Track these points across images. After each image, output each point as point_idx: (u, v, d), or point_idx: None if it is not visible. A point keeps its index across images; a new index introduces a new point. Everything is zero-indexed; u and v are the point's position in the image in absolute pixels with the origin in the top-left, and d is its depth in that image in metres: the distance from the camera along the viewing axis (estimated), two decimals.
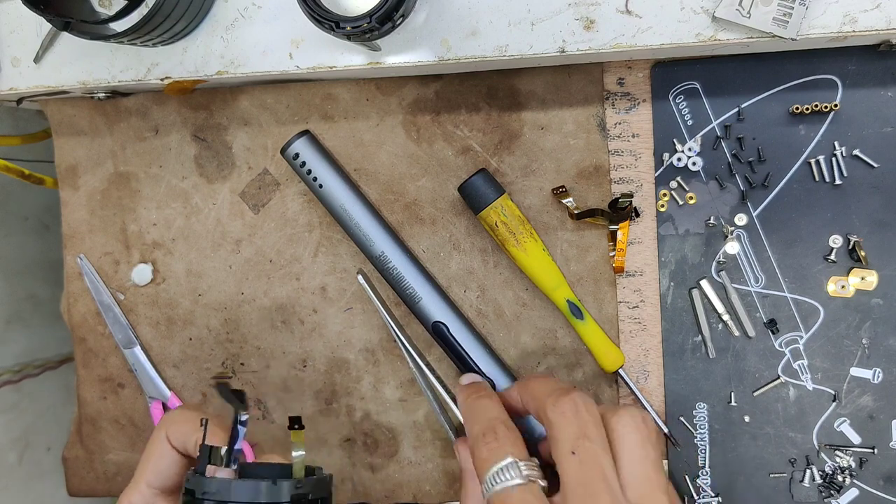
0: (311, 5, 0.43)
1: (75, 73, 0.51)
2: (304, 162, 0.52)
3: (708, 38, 0.44)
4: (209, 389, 0.58)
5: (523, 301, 0.54)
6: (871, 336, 0.51)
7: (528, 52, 0.46)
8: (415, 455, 0.56)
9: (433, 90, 0.54)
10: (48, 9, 0.45)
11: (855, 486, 0.51)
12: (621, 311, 0.53)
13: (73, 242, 0.59)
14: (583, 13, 0.45)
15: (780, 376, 0.52)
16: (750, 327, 0.52)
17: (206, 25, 0.49)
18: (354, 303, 0.56)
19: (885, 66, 0.49)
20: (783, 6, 0.43)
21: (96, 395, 0.59)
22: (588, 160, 0.53)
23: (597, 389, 0.53)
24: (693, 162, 0.52)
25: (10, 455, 0.65)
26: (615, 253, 0.52)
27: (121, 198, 0.58)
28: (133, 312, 0.58)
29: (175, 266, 0.57)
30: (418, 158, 0.54)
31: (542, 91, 0.53)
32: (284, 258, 0.56)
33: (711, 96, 0.52)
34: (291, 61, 0.49)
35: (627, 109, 0.53)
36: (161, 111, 0.57)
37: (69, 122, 0.58)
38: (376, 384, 0.56)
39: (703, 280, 0.52)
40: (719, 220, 0.52)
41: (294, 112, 0.55)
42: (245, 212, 0.56)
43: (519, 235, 0.51)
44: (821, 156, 0.51)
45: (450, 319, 0.52)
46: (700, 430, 0.53)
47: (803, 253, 0.51)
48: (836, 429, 0.51)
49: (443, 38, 0.46)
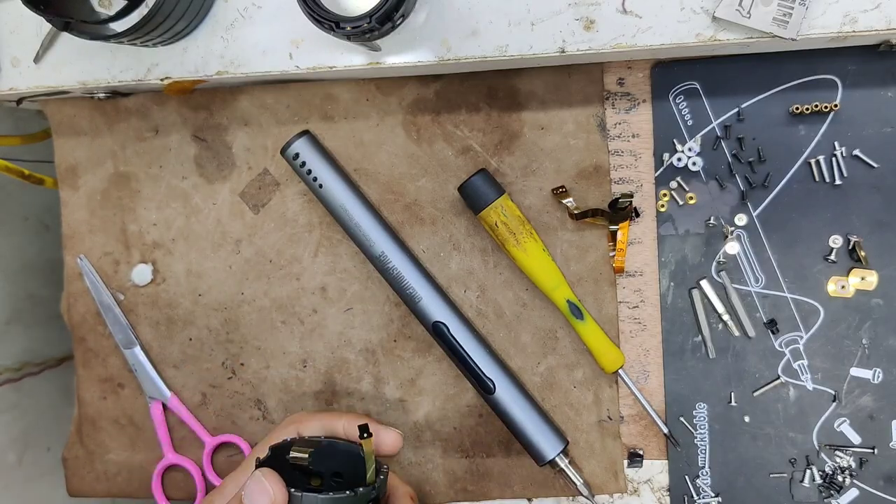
0: (311, 5, 0.43)
1: (75, 73, 0.51)
2: (304, 162, 0.52)
3: (708, 38, 0.44)
4: (209, 389, 0.58)
5: (523, 301, 0.54)
6: (871, 336, 0.51)
7: (528, 52, 0.46)
8: (415, 455, 0.56)
9: (433, 90, 0.54)
10: (48, 9, 0.45)
11: (855, 487, 0.51)
12: (621, 311, 0.53)
13: (73, 242, 0.59)
14: (583, 13, 0.45)
15: (780, 376, 0.52)
16: (750, 327, 0.52)
17: (206, 25, 0.49)
18: (354, 303, 0.56)
19: (885, 66, 0.49)
20: (783, 6, 0.43)
21: (96, 395, 0.59)
22: (588, 160, 0.53)
23: (597, 389, 0.53)
24: (693, 162, 0.52)
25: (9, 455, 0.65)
26: (615, 253, 0.52)
27: (121, 198, 0.58)
28: (133, 312, 0.58)
29: (175, 266, 0.57)
30: (418, 158, 0.54)
31: (542, 91, 0.53)
32: (284, 258, 0.56)
33: (711, 96, 0.52)
34: (291, 61, 0.49)
35: (627, 109, 0.53)
36: (161, 111, 0.57)
37: (69, 122, 0.58)
38: (376, 384, 0.56)
39: (703, 280, 0.52)
40: (719, 221, 0.52)
41: (294, 112, 0.55)
42: (245, 212, 0.56)
43: (519, 235, 0.51)
44: (821, 156, 0.51)
45: (450, 319, 0.52)
46: (700, 430, 0.53)
47: (803, 253, 0.51)
48: (836, 429, 0.51)
49: (443, 38, 0.46)
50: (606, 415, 0.53)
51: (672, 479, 0.53)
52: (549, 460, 0.51)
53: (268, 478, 0.39)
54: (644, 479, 0.54)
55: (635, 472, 0.54)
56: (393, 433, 0.48)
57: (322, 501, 0.40)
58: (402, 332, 0.55)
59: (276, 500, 0.39)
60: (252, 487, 0.39)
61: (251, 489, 0.39)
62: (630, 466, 0.54)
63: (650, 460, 0.54)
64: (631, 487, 0.54)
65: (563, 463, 0.51)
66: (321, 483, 0.45)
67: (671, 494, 0.53)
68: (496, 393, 0.51)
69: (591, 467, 0.53)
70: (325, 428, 0.47)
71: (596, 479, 0.53)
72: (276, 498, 0.39)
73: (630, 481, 0.54)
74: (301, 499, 0.40)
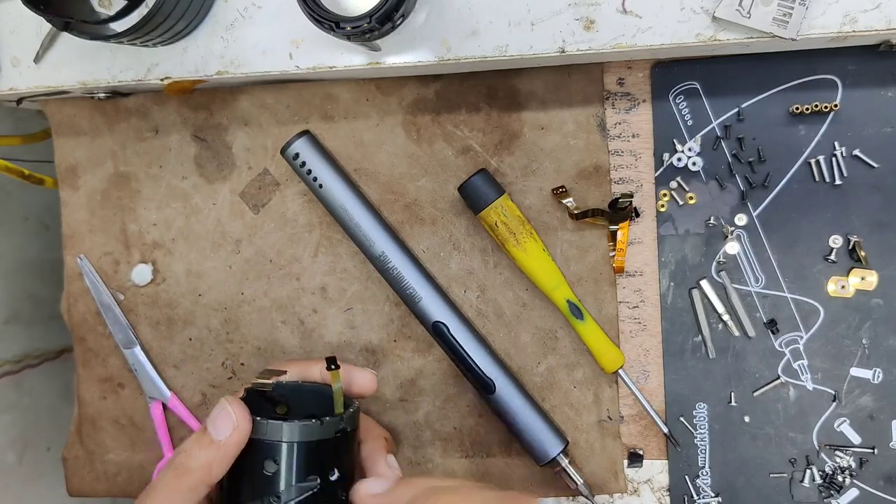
0: (311, 5, 0.43)
1: (75, 73, 0.51)
2: (304, 162, 0.52)
3: (708, 38, 0.44)
4: (209, 389, 0.58)
5: (523, 301, 0.54)
6: (871, 336, 0.51)
7: (528, 52, 0.46)
8: (415, 455, 0.56)
9: (433, 90, 0.54)
10: (48, 9, 0.45)
11: (855, 487, 0.51)
12: (621, 311, 0.53)
13: (73, 242, 0.59)
14: (583, 13, 0.45)
15: (780, 376, 0.52)
16: (750, 327, 0.52)
17: (206, 25, 0.49)
18: (354, 303, 0.56)
19: (885, 66, 0.49)
20: (783, 6, 0.43)
21: (96, 395, 0.59)
22: (588, 160, 0.53)
23: (597, 389, 0.53)
24: (693, 162, 0.52)
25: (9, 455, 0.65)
26: (615, 253, 0.52)
27: (121, 198, 0.58)
28: (133, 312, 0.58)
29: (175, 266, 0.57)
30: (418, 158, 0.54)
31: (542, 91, 0.53)
32: (284, 258, 0.56)
33: (711, 96, 0.52)
34: (291, 61, 0.49)
35: (627, 109, 0.53)
36: (161, 111, 0.57)
37: (69, 122, 0.58)
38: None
39: (703, 280, 0.52)
40: (719, 220, 0.52)
41: (294, 112, 0.55)
42: (245, 212, 0.56)
43: (519, 235, 0.51)
44: (821, 156, 0.51)
45: (450, 319, 0.52)
46: (700, 430, 0.53)
47: (803, 253, 0.51)
48: (836, 429, 0.51)
49: (443, 38, 0.46)
50: (606, 415, 0.53)
51: (672, 479, 0.53)
52: (549, 460, 0.51)
53: (232, 405, 0.40)
54: (644, 479, 0.54)
55: (635, 472, 0.54)
56: (367, 373, 0.48)
57: (286, 427, 0.41)
58: (402, 332, 0.55)
59: (239, 427, 0.40)
60: (216, 413, 0.40)
61: (215, 415, 0.40)
62: (630, 466, 0.54)
63: (650, 460, 0.54)
64: (631, 487, 0.54)
65: (564, 463, 0.51)
66: (287, 411, 0.44)
67: (671, 494, 0.53)
68: (496, 393, 0.51)
69: (591, 467, 0.53)
70: (300, 374, 0.48)
71: (596, 479, 0.53)
72: (239, 424, 0.40)
73: (630, 481, 0.54)
74: (266, 425, 0.41)
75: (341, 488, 0.42)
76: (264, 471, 0.41)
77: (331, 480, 0.42)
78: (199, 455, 0.40)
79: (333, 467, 0.42)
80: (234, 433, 0.40)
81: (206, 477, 0.40)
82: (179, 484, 0.40)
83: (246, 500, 0.41)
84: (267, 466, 0.41)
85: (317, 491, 0.41)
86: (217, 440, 0.40)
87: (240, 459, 0.41)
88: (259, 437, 0.41)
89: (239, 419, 0.40)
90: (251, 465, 0.41)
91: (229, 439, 0.40)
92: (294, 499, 0.41)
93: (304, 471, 0.41)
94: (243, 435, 0.40)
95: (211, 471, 0.40)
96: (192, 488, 0.40)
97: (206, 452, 0.40)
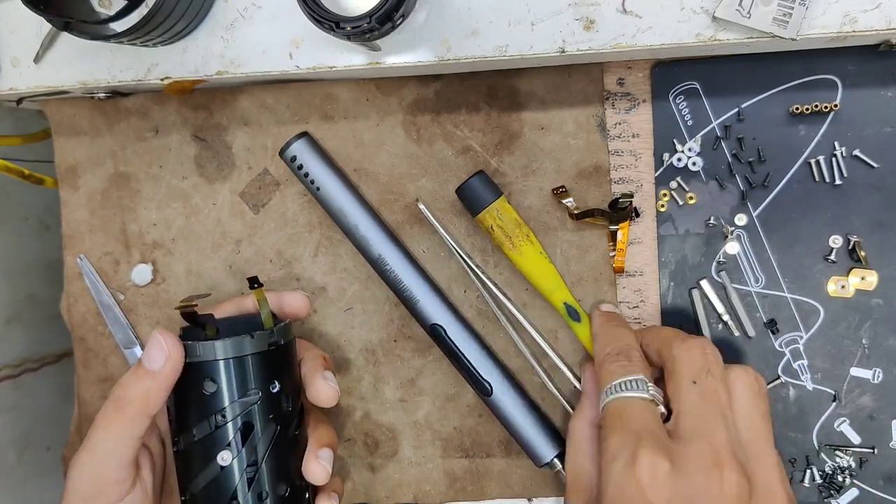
0: (311, 5, 0.43)
1: (75, 73, 0.51)
2: (301, 165, 0.52)
3: (708, 38, 0.44)
4: None
5: (523, 301, 0.54)
6: (871, 336, 0.51)
7: (528, 52, 0.46)
8: (415, 455, 0.56)
9: (433, 90, 0.54)
10: (48, 9, 0.45)
11: (855, 486, 0.51)
12: (621, 311, 0.53)
13: (73, 242, 0.59)
14: (583, 13, 0.45)
15: (780, 376, 0.52)
16: (750, 327, 0.52)
17: (206, 25, 0.49)
18: (354, 303, 0.56)
19: (885, 66, 0.49)
20: (783, 6, 0.43)
21: (96, 395, 0.59)
22: (588, 160, 0.53)
23: None
24: (693, 162, 0.52)
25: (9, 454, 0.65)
26: (615, 253, 0.52)
27: (121, 198, 0.58)
28: (133, 312, 0.58)
29: (175, 266, 0.57)
30: (418, 158, 0.54)
31: (542, 91, 0.53)
32: (284, 258, 0.56)
33: (711, 96, 0.52)
34: (291, 61, 0.49)
35: (627, 109, 0.53)
36: (161, 111, 0.57)
37: (69, 122, 0.58)
38: (376, 384, 0.56)
39: (703, 280, 0.52)
40: (719, 221, 0.52)
41: (294, 112, 0.55)
42: (245, 212, 0.56)
43: (515, 239, 0.51)
44: (821, 156, 0.51)
45: (448, 321, 0.52)
46: None
47: (803, 253, 0.51)
48: (836, 429, 0.51)
49: (443, 38, 0.46)
50: None
51: None
52: (547, 462, 0.51)
53: (163, 335, 0.42)
54: None
55: None
56: (298, 293, 0.50)
57: (219, 345, 0.43)
58: (402, 332, 0.55)
59: (171, 355, 0.42)
60: (149, 345, 0.42)
61: (148, 347, 0.42)
62: None
63: None
64: None
65: (560, 465, 0.51)
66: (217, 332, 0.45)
67: None
68: (493, 395, 0.51)
69: None
70: (238, 308, 0.49)
71: None
72: (171, 352, 0.42)
73: None
74: (198, 346, 0.43)
75: (285, 400, 0.44)
76: (204, 391, 0.43)
77: (272, 392, 0.43)
78: (135, 386, 0.42)
79: (273, 380, 0.44)
80: (167, 362, 0.42)
81: (145, 407, 0.42)
82: (119, 416, 0.42)
83: (193, 424, 0.43)
84: (206, 386, 0.43)
85: (259, 403, 0.43)
86: (152, 370, 0.42)
87: (181, 386, 0.43)
88: (194, 360, 0.43)
89: (170, 347, 0.42)
90: (192, 389, 0.43)
91: (163, 368, 0.42)
92: (239, 414, 0.42)
93: (243, 386, 0.43)
94: (177, 362, 0.42)
95: (149, 401, 0.42)
96: (132, 419, 0.42)
97: (143, 383, 0.42)
